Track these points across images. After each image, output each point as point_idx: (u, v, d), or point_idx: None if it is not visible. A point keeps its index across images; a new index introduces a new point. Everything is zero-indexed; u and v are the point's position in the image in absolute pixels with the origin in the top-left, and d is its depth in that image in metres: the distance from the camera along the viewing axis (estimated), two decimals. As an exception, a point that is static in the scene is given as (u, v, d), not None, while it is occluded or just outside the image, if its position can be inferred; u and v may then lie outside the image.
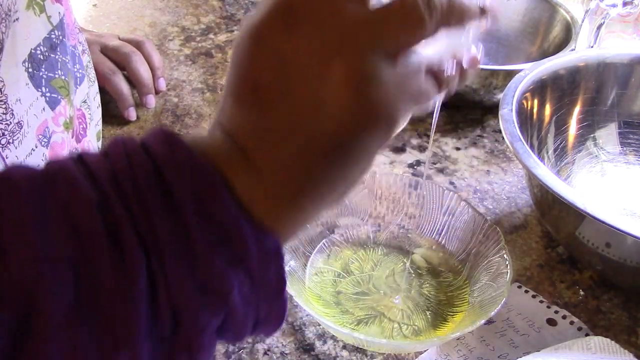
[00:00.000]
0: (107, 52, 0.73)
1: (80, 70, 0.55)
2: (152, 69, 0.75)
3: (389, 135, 0.29)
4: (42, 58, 0.47)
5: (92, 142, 0.57)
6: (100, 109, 0.63)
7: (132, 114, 0.72)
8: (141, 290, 0.23)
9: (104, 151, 0.26)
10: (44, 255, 0.22)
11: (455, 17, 0.29)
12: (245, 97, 0.28)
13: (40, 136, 0.47)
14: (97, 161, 0.25)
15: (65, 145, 0.50)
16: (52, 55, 0.48)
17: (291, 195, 0.28)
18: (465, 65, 0.32)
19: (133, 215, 0.24)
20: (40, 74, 0.46)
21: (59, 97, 0.49)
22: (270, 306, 0.28)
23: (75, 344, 0.23)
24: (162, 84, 0.76)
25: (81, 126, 0.53)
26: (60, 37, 0.49)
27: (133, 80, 0.73)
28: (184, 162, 0.25)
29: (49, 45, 0.48)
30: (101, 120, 0.64)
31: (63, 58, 0.50)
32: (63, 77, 0.49)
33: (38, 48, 0.46)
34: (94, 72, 0.62)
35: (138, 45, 0.75)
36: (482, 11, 0.30)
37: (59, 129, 0.49)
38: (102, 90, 0.76)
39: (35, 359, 0.22)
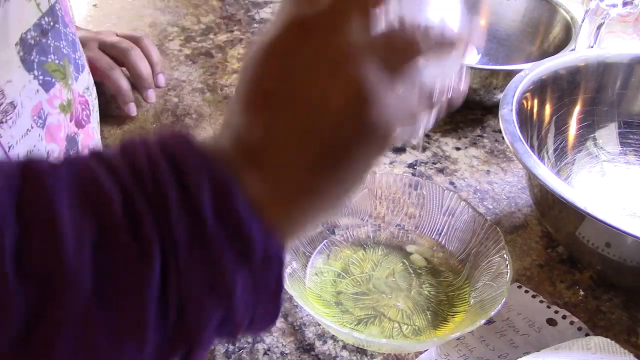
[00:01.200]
0: (106, 48, 0.73)
1: (82, 58, 0.55)
2: (151, 64, 0.75)
3: (383, 148, 0.31)
4: (32, 42, 0.47)
5: (96, 130, 0.56)
6: (97, 101, 0.63)
7: (132, 109, 0.72)
8: (155, 280, 0.24)
9: (120, 148, 0.28)
10: (68, 243, 0.24)
11: (447, 47, 0.32)
12: (255, 103, 0.30)
13: (35, 117, 0.47)
14: (116, 157, 0.27)
15: (61, 128, 0.50)
16: (43, 40, 0.48)
17: (296, 196, 0.29)
18: (453, 92, 0.34)
19: (153, 211, 0.25)
20: (32, 57, 0.47)
21: (53, 80, 0.49)
22: (266, 307, 0.28)
23: (87, 329, 0.24)
24: (162, 79, 0.76)
25: (84, 112, 0.54)
26: (52, 23, 0.49)
27: (132, 76, 0.73)
28: (201, 161, 0.27)
29: (40, 30, 0.48)
30: (98, 114, 0.64)
31: (56, 43, 0.50)
32: (57, 62, 0.49)
33: (28, 32, 0.46)
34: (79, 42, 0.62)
35: (136, 40, 0.75)
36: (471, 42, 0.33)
37: (54, 110, 0.49)
38: (101, 89, 0.77)
39: (48, 339, 0.23)
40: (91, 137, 0.55)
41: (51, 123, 0.49)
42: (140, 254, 0.24)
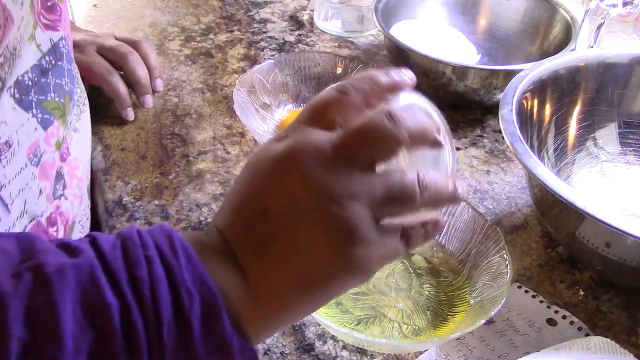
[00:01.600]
0: (104, 52, 0.72)
1: (78, 90, 0.55)
2: (149, 68, 0.74)
3: (363, 281, 0.35)
4: (30, 84, 0.46)
5: (80, 158, 0.56)
6: (87, 106, 0.63)
7: (129, 114, 0.72)
8: None
9: (122, 249, 0.31)
10: (67, 354, 0.28)
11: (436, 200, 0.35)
12: (252, 218, 0.34)
13: (31, 155, 0.46)
14: (118, 263, 0.30)
15: (54, 164, 0.50)
16: (42, 79, 0.48)
17: (277, 316, 0.34)
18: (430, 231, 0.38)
19: (148, 326, 0.29)
20: (30, 97, 0.46)
21: (52, 118, 0.48)
22: None
23: None
24: (160, 84, 0.75)
25: (64, 145, 0.53)
26: (53, 62, 0.49)
27: (130, 80, 0.73)
28: (194, 278, 0.31)
29: (39, 71, 0.47)
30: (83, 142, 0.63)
31: (57, 81, 0.49)
32: (57, 99, 0.49)
33: (26, 75, 0.46)
34: (79, 75, 0.62)
35: (135, 45, 0.74)
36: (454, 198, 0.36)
37: (50, 148, 0.48)
38: (100, 91, 0.77)
39: None
40: (76, 167, 0.55)
41: (46, 161, 0.48)
42: None
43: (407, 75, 0.37)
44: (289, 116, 0.73)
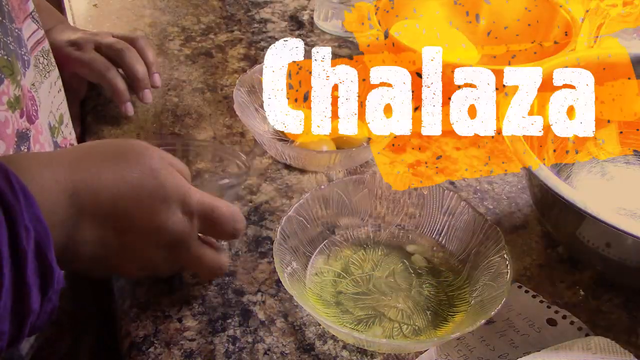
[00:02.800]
0: (102, 49, 0.73)
1: (27, 54, 0.55)
2: (147, 64, 0.74)
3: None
4: None
5: (44, 126, 0.56)
6: (61, 93, 0.63)
7: (129, 108, 0.72)
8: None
9: None
10: None
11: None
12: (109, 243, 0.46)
13: None
14: None
15: (9, 124, 0.50)
16: None
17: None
18: None
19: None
20: None
21: (2, 76, 0.48)
22: (43, 321, 0.40)
23: None
24: (157, 79, 0.76)
25: (33, 108, 0.53)
26: (0, 19, 0.49)
27: (128, 76, 0.73)
28: (32, 217, 0.37)
29: None
30: (64, 104, 0.64)
31: (4, 39, 0.49)
32: (6, 57, 0.49)
33: None
34: (53, 59, 0.62)
35: (132, 41, 0.75)
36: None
37: (1, 107, 0.48)
38: (100, 91, 0.77)
39: None
40: (40, 133, 0.55)
41: None
42: None
43: None
44: (289, 116, 0.73)
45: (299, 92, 0.75)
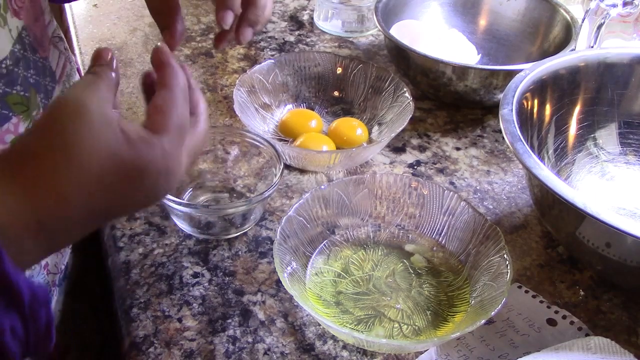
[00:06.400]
0: None
1: (52, 83, 0.54)
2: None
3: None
4: (5, 72, 0.46)
5: None
6: None
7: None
8: None
9: None
10: None
11: None
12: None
13: None
14: None
15: None
16: (15, 69, 0.47)
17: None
18: None
19: None
20: None
21: (10, 113, 0.47)
22: (38, 340, 0.34)
23: None
24: (248, 34, 0.57)
25: None
26: (22, 51, 0.48)
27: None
28: None
29: (15, 59, 0.47)
30: None
31: (24, 73, 0.48)
32: (22, 93, 0.48)
33: (4, 62, 0.45)
34: (63, 70, 0.60)
35: None
36: None
37: (3, 146, 0.47)
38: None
39: None
40: None
41: None
42: None
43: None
44: (289, 116, 0.73)
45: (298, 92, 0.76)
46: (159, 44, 0.44)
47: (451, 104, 0.78)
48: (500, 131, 0.57)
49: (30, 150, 0.34)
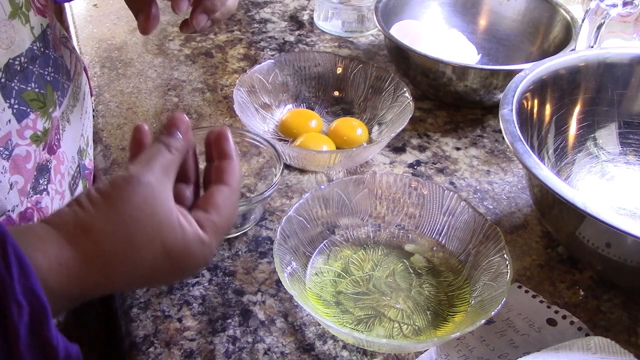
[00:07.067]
0: None
1: (68, 81, 0.54)
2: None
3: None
4: (18, 69, 0.46)
5: (67, 154, 0.55)
6: (89, 115, 0.61)
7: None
8: None
9: None
10: None
11: None
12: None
13: (1, 148, 0.45)
14: None
15: (30, 158, 0.49)
16: (30, 67, 0.47)
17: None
18: None
19: None
20: (12, 84, 0.45)
21: (29, 110, 0.48)
22: None
23: None
24: (202, 20, 0.57)
25: (56, 137, 0.52)
26: (42, 49, 0.48)
27: None
28: (26, 291, 0.32)
29: (30, 56, 0.47)
30: (91, 126, 0.62)
31: (41, 71, 0.49)
32: (37, 90, 0.48)
33: (18, 58, 0.45)
34: (87, 88, 0.61)
35: None
36: None
37: (24, 141, 0.47)
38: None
39: None
40: (62, 162, 0.54)
41: (18, 154, 0.47)
42: None
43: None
44: (289, 116, 0.73)
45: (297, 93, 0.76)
46: (222, 126, 0.45)
47: (451, 104, 0.78)
48: (500, 131, 0.57)
49: (94, 224, 0.35)
